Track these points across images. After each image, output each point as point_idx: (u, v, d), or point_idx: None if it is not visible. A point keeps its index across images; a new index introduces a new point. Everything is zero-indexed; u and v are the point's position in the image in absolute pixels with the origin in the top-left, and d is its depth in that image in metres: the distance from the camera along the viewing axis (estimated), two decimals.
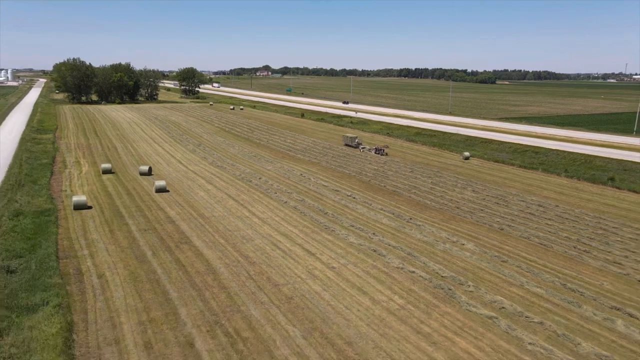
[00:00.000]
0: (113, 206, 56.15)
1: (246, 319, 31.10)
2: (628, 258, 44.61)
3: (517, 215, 57.62)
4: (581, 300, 35.71)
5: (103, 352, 26.85)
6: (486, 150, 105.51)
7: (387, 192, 67.75)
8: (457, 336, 30.08)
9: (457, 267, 41.07)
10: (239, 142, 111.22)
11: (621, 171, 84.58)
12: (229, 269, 39.02)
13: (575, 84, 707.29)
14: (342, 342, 28.81)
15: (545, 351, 28.60)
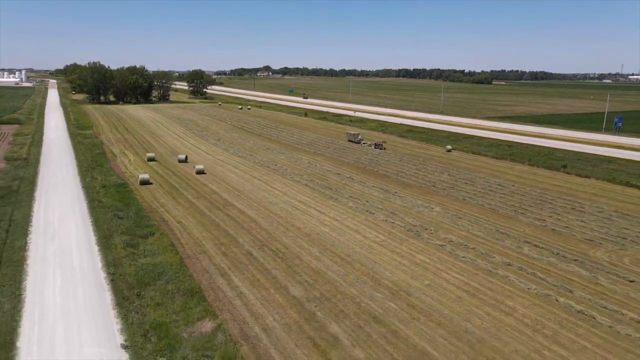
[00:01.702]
0: (167, 183, 73.30)
1: (282, 243, 48.23)
2: (552, 217, 61.61)
3: (480, 191, 74.66)
4: (505, 238, 52.78)
5: (198, 257, 43.99)
6: (467, 144, 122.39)
7: (379, 175, 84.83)
8: (417, 254, 47.15)
9: (425, 220, 58.17)
10: (252, 138, 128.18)
11: (575, 160, 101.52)
12: (265, 219, 56.15)
13: (570, 84, 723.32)
14: (344, 255, 45.91)
15: (470, 261, 45.69)
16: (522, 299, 38.16)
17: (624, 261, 47.05)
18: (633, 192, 76.60)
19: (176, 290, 36.44)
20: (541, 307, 36.89)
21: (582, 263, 46.05)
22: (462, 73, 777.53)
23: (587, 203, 68.73)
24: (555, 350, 31.10)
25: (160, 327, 31.06)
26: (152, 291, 36.14)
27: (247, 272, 41.15)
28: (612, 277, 42.90)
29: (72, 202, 59.54)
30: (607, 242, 52.20)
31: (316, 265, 43.17)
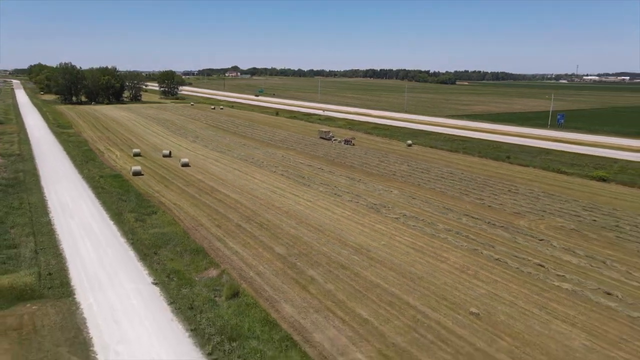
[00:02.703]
0: (157, 174, 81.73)
1: (264, 218, 58.02)
2: (490, 197, 73.54)
3: (433, 178, 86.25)
4: (449, 212, 64.12)
5: (197, 228, 53.29)
6: (426, 140, 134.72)
7: (346, 166, 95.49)
8: (376, 224, 57.79)
9: (384, 201, 69.03)
10: (228, 135, 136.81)
11: (519, 152, 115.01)
12: (248, 201, 65.75)
13: (529, 84, 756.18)
14: (317, 225, 56.10)
15: (419, 228, 56.66)
16: (455, 252, 49.28)
17: (539, 227, 59.06)
18: (562, 178, 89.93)
19: (184, 251, 45.80)
20: (469, 257, 48.06)
21: (507, 229, 57.76)
22: (427, 74, 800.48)
23: (522, 187, 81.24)
24: (474, 282, 42.16)
25: (178, 272, 40.49)
26: (165, 251, 45.40)
27: (238, 238, 50.82)
28: (527, 238, 54.69)
29: (78, 189, 67.65)
30: (530, 214, 64.31)
31: (294, 233, 53.21)
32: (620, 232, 57.62)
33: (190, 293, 36.77)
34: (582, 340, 33.34)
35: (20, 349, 28.73)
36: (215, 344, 29.91)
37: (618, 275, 44.71)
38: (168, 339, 30.60)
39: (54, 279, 38.10)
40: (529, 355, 31.37)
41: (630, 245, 53.23)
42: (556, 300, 39.26)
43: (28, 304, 34.04)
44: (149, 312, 33.78)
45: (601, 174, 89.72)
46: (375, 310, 36.24)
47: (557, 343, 32.87)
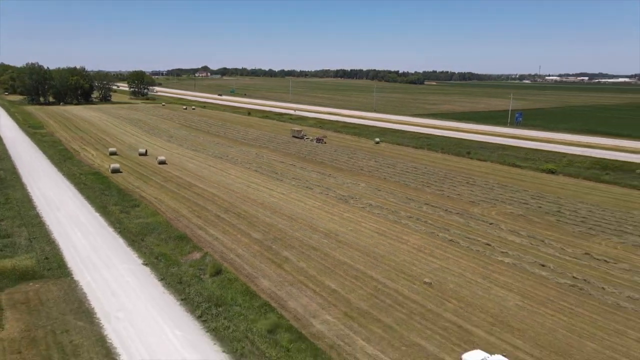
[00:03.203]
0: (135, 171, 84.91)
1: (241, 209, 62.56)
2: (449, 189, 79.99)
3: (398, 172, 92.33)
4: (411, 202, 70.06)
5: (178, 219, 57.42)
6: (393, 137, 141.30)
7: (317, 162, 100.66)
8: (344, 213, 63.13)
9: (352, 192, 74.50)
10: (202, 135, 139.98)
11: (478, 148, 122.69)
12: (225, 195, 70.07)
13: (494, 84, 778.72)
14: (290, 214, 61.02)
15: (383, 215, 62.29)
16: (414, 235, 55.10)
17: (491, 213, 65.64)
18: (515, 171, 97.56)
19: (169, 237, 49.99)
20: (426, 239, 53.94)
21: (462, 215, 64.09)
22: (397, 74, 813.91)
23: (479, 179, 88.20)
24: (429, 259, 47.96)
25: (164, 255, 44.76)
26: (151, 238, 49.49)
27: (218, 226, 55.26)
28: (479, 222, 61.10)
29: (60, 185, 70.51)
30: (483, 203, 70.95)
31: (269, 221, 58.02)
32: (561, 216, 64.76)
33: (178, 271, 41.19)
34: (515, 301, 39.43)
35: (31, 317, 32.57)
36: (203, 309, 34.55)
37: (553, 251, 51.37)
38: (162, 307, 35.01)
39: (51, 262, 41.82)
40: (471, 313, 37.18)
41: (567, 227, 60.26)
42: (498, 272, 45.42)
43: (31, 282, 37.74)
44: (143, 287, 38.04)
45: (550, 167, 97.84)
46: (342, 283, 41.48)
47: (494, 304, 38.84)
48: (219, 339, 30.93)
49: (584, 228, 59.88)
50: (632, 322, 36.52)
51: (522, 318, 36.72)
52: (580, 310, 38.21)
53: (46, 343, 29.72)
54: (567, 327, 35.59)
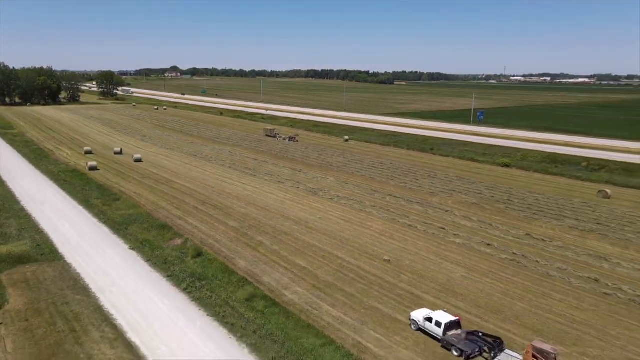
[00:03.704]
0: (113, 169, 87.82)
1: (217, 201, 66.88)
2: (412, 181, 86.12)
3: (365, 167, 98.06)
4: (376, 193, 75.71)
5: (159, 210, 61.32)
6: (361, 135, 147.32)
7: (288, 159, 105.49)
8: (314, 203, 68.24)
9: (321, 186, 79.71)
10: (175, 134, 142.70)
11: (441, 145, 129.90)
12: (201, 189, 74.16)
13: (461, 84, 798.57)
14: (263, 205, 65.73)
15: (349, 205, 67.68)
16: (377, 221, 60.68)
17: (448, 202, 71.93)
18: (474, 165, 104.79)
19: (151, 226, 53.99)
20: (388, 224, 59.58)
21: (421, 204, 70.14)
22: (367, 74, 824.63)
23: (440, 173, 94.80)
24: (389, 241, 53.56)
25: (149, 241, 48.87)
26: (134, 227, 53.41)
27: (197, 216, 59.52)
28: (436, 210, 67.23)
29: (40, 182, 73.14)
30: (442, 193, 77.29)
31: (244, 211, 62.63)
32: (510, 204, 71.60)
33: (162, 254, 45.45)
34: (461, 273, 45.36)
35: (32, 293, 36.30)
36: (188, 283, 39.05)
37: (499, 233, 57.81)
38: (150, 282, 39.29)
39: (44, 249, 45.35)
40: (422, 283, 42.84)
41: (514, 213, 67.04)
42: (449, 250, 51.39)
43: (27, 265, 41.28)
44: (131, 267, 42.15)
45: (505, 161, 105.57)
46: (311, 261, 46.57)
47: (443, 275, 44.65)
48: (203, 306, 35.55)
49: (528, 213, 66.77)
50: (557, 287, 42.90)
51: (466, 286, 42.62)
52: (515, 279, 44.43)
53: (49, 312, 33.65)
54: (503, 292, 41.67)
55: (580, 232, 58.82)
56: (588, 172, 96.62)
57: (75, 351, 29.28)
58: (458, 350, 31.23)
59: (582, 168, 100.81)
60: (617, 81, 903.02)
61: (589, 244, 54.55)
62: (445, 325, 32.49)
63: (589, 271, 46.61)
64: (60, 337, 30.66)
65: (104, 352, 29.25)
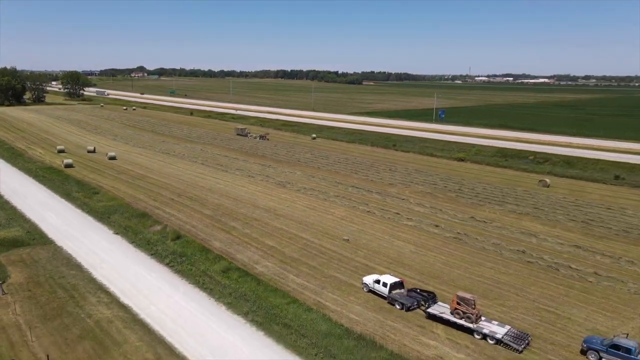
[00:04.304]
0: (88, 166, 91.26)
1: (192, 194, 71.91)
2: (374, 174, 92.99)
3: (330, 163, 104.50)
4: (340, 185, 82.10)
5: (137, 202, 65.93)
6: (328, 133, 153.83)
7: (258, 156, 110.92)
8: (282, 194, 74.08)
9: (289, 179, 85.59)
10: (146, 134, 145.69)
11: (403, 142, 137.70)
12: (176, 183, 78.89)
13: (428, 84, 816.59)
14: (235, 197, 71.17)
15: (314, 195, 73.83)
16: (339, 208, 67.08)
17: (405, 192, 79.06)
18: (432, 159, 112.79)
19: (131, 215, 58.73)
20: (349, 211, 66.04)
21: (380, 194, 76.99)
22: (336, 74, 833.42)
23: (400, 167, 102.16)
24: (349, 224, 59.98)
25: (131, 227, 53.74)
26: (116, 216, 58.06)
27: (173, 206, 64.50)
28: (393, 198, 74.19)
29: (20, 178, 76.35)
30: (400, 184, 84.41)
31: (217, 202, 67.97)
32: (460, 193, 79.31)
33: (145, 237, 50.56)
34: (410, 249, 52.18)
35: (30, 270, 40.82)
36: (170, 259, 44.42)
37: (447, 217, 65.10)
38: (136, 259, 44.39)
39: (34, 235, 49.63)
40: (376, 257, 49.38)
41: (463, 200, 74.69)
42: (402, 231, 58.23)
43: (21, 248, 45.56)
44: (118, 248, 47.07)
45: (460, 156, 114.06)
46: (279, 241, 52.50)
47: (395, 251, 51.36)
48: (185, 276, 41.01)
49: (475, 200, 74.56)
50: (490, 258, 50.23)
51: (413, 259, 49.43)
52: (455, 253, 51.55)
53: (49, 284, 38.37)
54: (444, 262, 48.67)
55: (517, 215, 66.81)
56: (533, 165, 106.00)
57: (76, 312, 34.31)
58: (400, 304, 37.77)
59: (529, 161, 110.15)
60: (575, 81, 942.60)
61: (522, 224, 62.46)
62: (391, 286, 39.00)
63: (518, 245, 54.26)
64: (62, 302, 35.56)
65: (102, 312, 34.40)
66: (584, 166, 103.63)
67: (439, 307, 37.09)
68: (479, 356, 31.78)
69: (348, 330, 33.70)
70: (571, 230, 60.66)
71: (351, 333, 33.27)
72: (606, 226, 62.32)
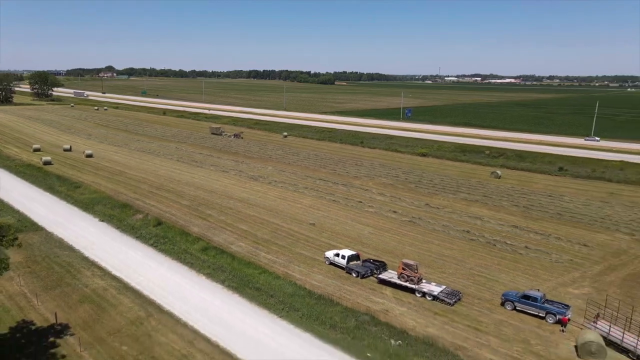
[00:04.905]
0: (66, 163, 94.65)
1: (170, 187, 76.75)
2: (341, 169, 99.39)
3: (301, 159, 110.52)
4: (309, 178, 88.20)
5: (118, 195, 70.42)
6: (299, 132, 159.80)
7: (231, 153, 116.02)
8: (254, 187, 79.71)
9: (261, 173, 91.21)
10: (120, 133, 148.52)
11: (370, 139, 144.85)
12: (154, 178, 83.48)
13: (399, 84, 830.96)
14: (210, 189, 76.41)
15: (285, 187, 79.74)
16: (307, 198, 73.19)
17: (369, 184, 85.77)
18: (397, 155, 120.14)
19: (114, 206, 63.39)
20: (316, 200, 72.22)
21: (346, 185, 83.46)
22: (308, 74, 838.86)
23: (366, 162, 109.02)
24: (316, 212, 66.16)
25: (115, 216, 58.57)
26: (99, 206, 62.65)
27: (153, 198, 69.34)
28: (357, 189, 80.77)
29: (1, 175, 79.35)
30: (364, 177, 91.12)
31: (194, 194, 73.13)
32: (419, 184, 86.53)
33: (129, 223, 55.56)
34: (369, 230, 58.72)
35: (27, 251, 45.32)
36: (154, 240, 49.67)
37: (405, 204, 72.02)
38: (123, 241, 49.46)
39: (25, 223, 53.89)
40: (339, 238, 55.64)
41: (421, 190, 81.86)
42: (363, 216, 64.76)
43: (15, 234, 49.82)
44: (104, 232, 51.91)
45: (423, 151, 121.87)
46: (252, 226, 58.25)
47: (355, 232, 57.77)
48: (168, 254, 46.42)
49: (432, 190, 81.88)
50: (438, 237, 57.20)
51: (371, 238, 55.97)
52: (409, 233, 58.35)
53: (46, 262, 43.11)
54: (398, 241, 55.37)
55: (467, 202, 74.35)
56: (489, 159, 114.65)
57: (74, 283, 39.31)
58: (356, 273, 44.16)
59: (485, 155, 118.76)
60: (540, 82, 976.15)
61: (471, 210, 69.95)
62: (348, 258, 45.35)
63: (465, 226, 61.53)
64: (60, 275, 40.46)
65: (97, 282, 39.52)
66: (534, 159, 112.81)
67: (388, 273, 43.64)
68: (418, 309, 38.39)
69: (310, 292, 39.85)
70: (513, 214, 68.47)
71: (313, 294, 39.43)
72: (544, 210, 70.43)
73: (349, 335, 33.16)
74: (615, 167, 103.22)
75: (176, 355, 30.02)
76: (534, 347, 33.07)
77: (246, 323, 34.49)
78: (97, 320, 33.62)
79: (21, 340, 31.14)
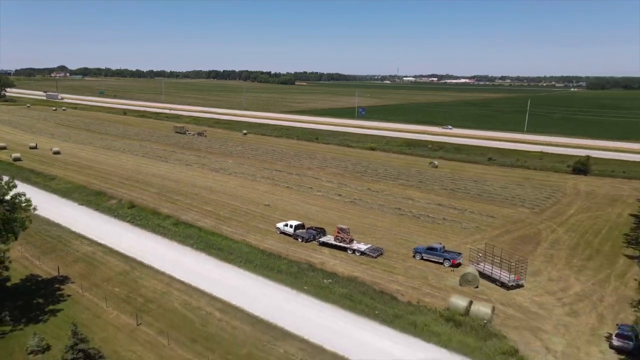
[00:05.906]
0: (35, 160, 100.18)
1: (138, 178, 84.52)
2: (296, 162, 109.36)
3: (259, 154, 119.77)
4: (265, 170, 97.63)
5: (91, 185, 77.70)
6: (258, 129, 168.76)
7: (194, 149, 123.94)
8: (216, 177, 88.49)
9: (222, 166, 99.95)
10: (83, 132, 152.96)
11: (326, 135, 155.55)
12: (122, 171, 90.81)
13: (359, 84, 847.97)
14: (176, 179, 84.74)
15: (244, 176, 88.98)
16: (264, 186, 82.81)
17: (320, 173, 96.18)
18: (348, 149, 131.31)
19: (89, 194, 70.97)
20: (271, 187, 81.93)
21: (299, 175, 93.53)
22: (269, 74, 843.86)
23: (319, 155, 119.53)
24: (271, 196, 75.86)
25: (92, 201, 66.42)
26: (76, 194, 70.09)
27: (124, 187, 77.12)
28: (309, 178, 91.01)
29: None
30: (317, 168, 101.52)
31: (161, 183, 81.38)
32: (365, 173, 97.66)
33: (106, 206, 63.69)
34: (316, 209, 69.01)
35: None
36: (130, 218, 58.20)
37: (349, 190, 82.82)
38: (102, 220, 57.69)
39: None
40: (290, 215, 65.45)
41: (366, 178, 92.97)
42: (312, 199, 75.00)
43: None
44: (85, 213, 59.87)
45: (372, 145, 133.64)
46: (215, 207, 67.40)
47: (304, 211, 67.85)
48: (143, 228, 55.16)
49: (375, 178, 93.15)
50: (374, 213, 68.09)
51: (317, 214, 66.24)
52: (350, 211, 68.99)
53: (39, 235, 50.87)
54: (340, 217, 65.81)
55: (404, 187, 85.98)
56: (430, 151, 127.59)
57: (66, 249, 47.49)
58: (301, 238, 54.28)
59: (427, 149, 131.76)
60: (492, 82, 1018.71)
61: (406, 192, 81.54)
62: (295, 227, 55.43)
63: (397, 205, 72.84)
64: (53, 244, 48.48)
65: (86, 248, 47.89)
66: (469, 151, 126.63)
67: (327, 237, 54.04)
68: (348, 261, 48.92)
69: (263, 251, 49.78)
70: (440, 195, 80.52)
71: (265, 252, 49.39)
72: (466, 192, 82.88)
73: (292, 277, 43.29)
74: (535, 156, 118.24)
75: (158, 293, 39.15)
76: (430, 281, 44.20)
77: (212, 272, 44.05)
78: (91, 273, 42.15)
79: (32, 288, 39.29)
